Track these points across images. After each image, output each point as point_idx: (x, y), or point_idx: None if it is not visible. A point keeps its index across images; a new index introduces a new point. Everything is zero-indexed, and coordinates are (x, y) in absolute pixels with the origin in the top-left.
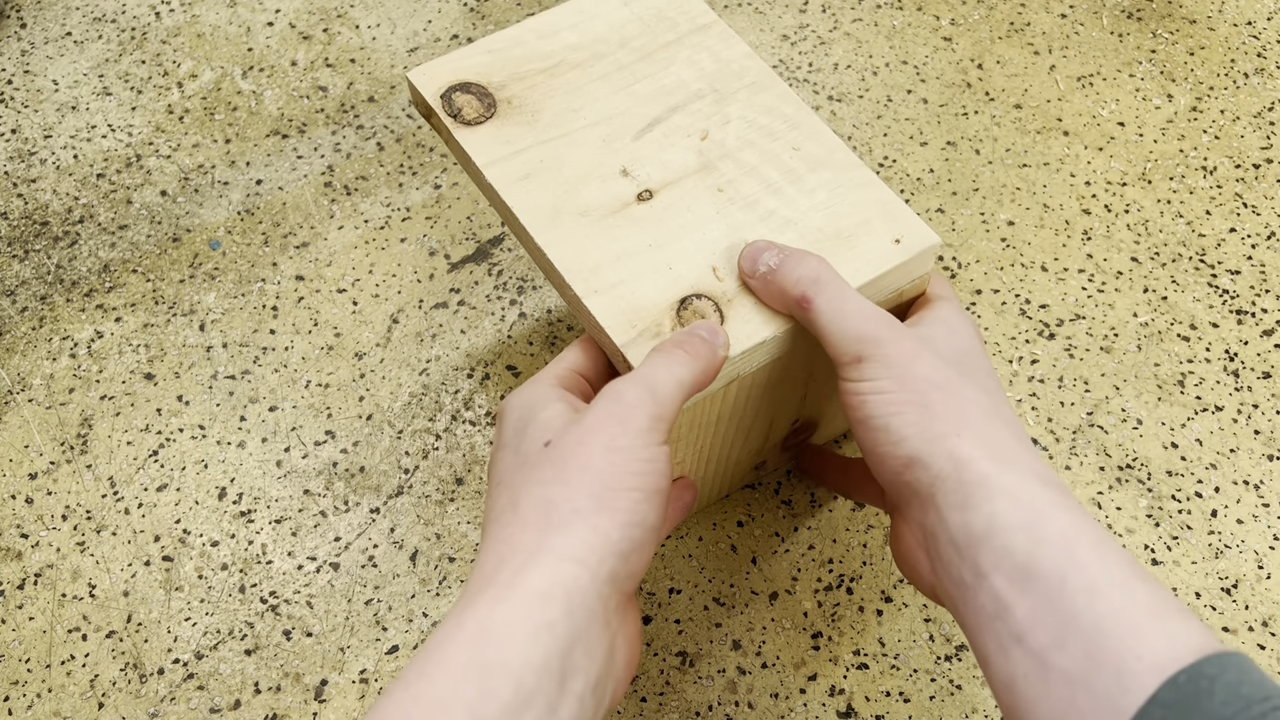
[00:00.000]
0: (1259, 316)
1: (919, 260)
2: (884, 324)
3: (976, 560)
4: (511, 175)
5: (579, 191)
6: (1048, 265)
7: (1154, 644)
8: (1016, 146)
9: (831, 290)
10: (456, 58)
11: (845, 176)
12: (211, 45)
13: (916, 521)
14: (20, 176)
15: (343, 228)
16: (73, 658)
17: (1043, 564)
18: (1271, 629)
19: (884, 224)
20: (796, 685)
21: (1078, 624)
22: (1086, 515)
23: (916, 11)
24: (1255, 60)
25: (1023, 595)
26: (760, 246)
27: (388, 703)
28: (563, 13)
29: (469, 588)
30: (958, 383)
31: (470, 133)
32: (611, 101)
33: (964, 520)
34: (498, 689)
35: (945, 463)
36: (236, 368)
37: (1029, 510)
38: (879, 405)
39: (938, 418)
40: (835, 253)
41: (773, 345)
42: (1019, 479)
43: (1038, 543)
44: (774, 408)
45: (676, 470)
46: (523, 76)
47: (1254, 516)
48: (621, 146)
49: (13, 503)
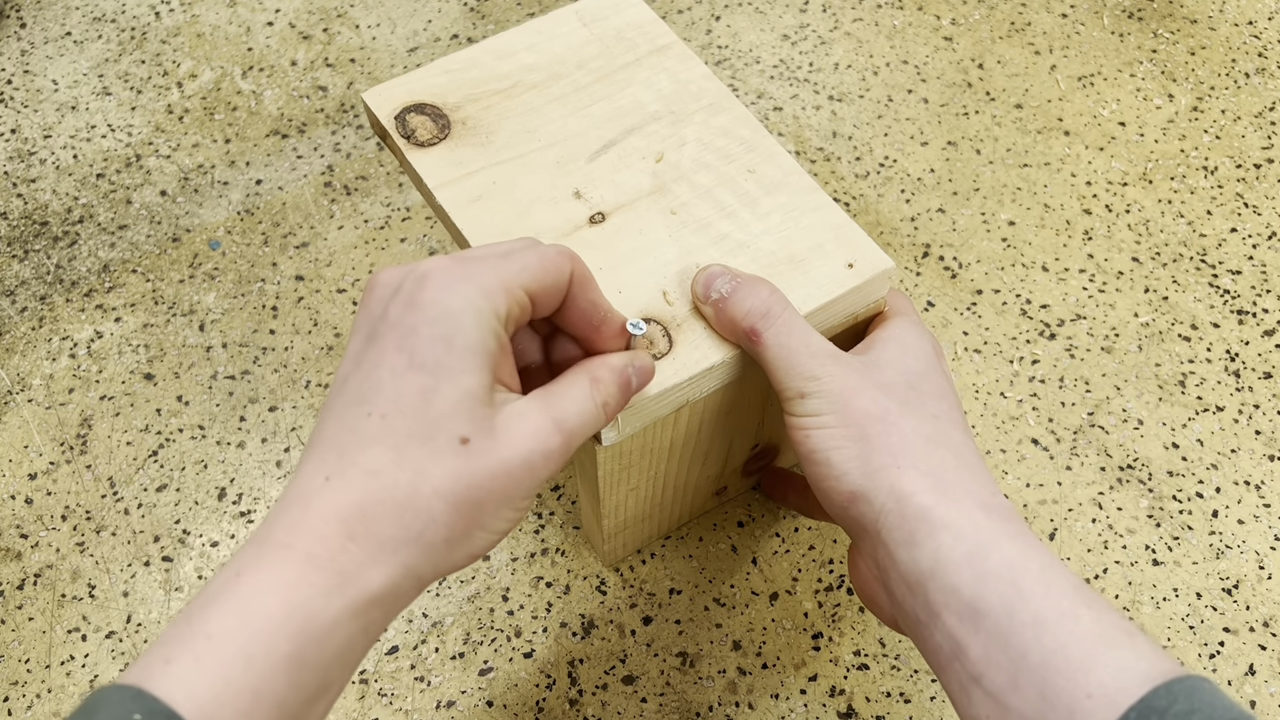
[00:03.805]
0: (1260, 317)
1: (873, 284)
2: (828, 359)
3: (927, 598)
4: (463, 197)
5: (531, 214)
6: (1049, 265)
7: (1102, 678)
8: (1017, 146)
9: (780, 324)
10: (413, 78)
11: (800, 200)
12: (211, 45)
13: (870, 556)
14: (20, 176)
15: (343, 228)
16: (72, 658)
17: (989, 600)
18: (1272, 629)
19: (838, 248)
20: (797, 686)
21: (1028, 662)
22: (1031, 540)
23: (917, 11)
24: (1256, 60)
25: (974, 634)
26: (714, 272)
27: (200, 668)
28: (521, 33)
29: (291, 502)
30: (897, 413)
31: (423, 154)
32: (567, 123)
33: (911, 558)
34: (307, 682)
35: (887, 497)
36: (236, 368)
37: (971, 543)
38: (821, 440)
39: (877, 450)
40: (788, 277)
41: (722, 371)
42: (960, 510)
43: (981, 578)
44: (730, 433)
45: (631, 495)
46: (478, 98)
47: (1255, 517)
48: (575, 168)
49: (12, 503)
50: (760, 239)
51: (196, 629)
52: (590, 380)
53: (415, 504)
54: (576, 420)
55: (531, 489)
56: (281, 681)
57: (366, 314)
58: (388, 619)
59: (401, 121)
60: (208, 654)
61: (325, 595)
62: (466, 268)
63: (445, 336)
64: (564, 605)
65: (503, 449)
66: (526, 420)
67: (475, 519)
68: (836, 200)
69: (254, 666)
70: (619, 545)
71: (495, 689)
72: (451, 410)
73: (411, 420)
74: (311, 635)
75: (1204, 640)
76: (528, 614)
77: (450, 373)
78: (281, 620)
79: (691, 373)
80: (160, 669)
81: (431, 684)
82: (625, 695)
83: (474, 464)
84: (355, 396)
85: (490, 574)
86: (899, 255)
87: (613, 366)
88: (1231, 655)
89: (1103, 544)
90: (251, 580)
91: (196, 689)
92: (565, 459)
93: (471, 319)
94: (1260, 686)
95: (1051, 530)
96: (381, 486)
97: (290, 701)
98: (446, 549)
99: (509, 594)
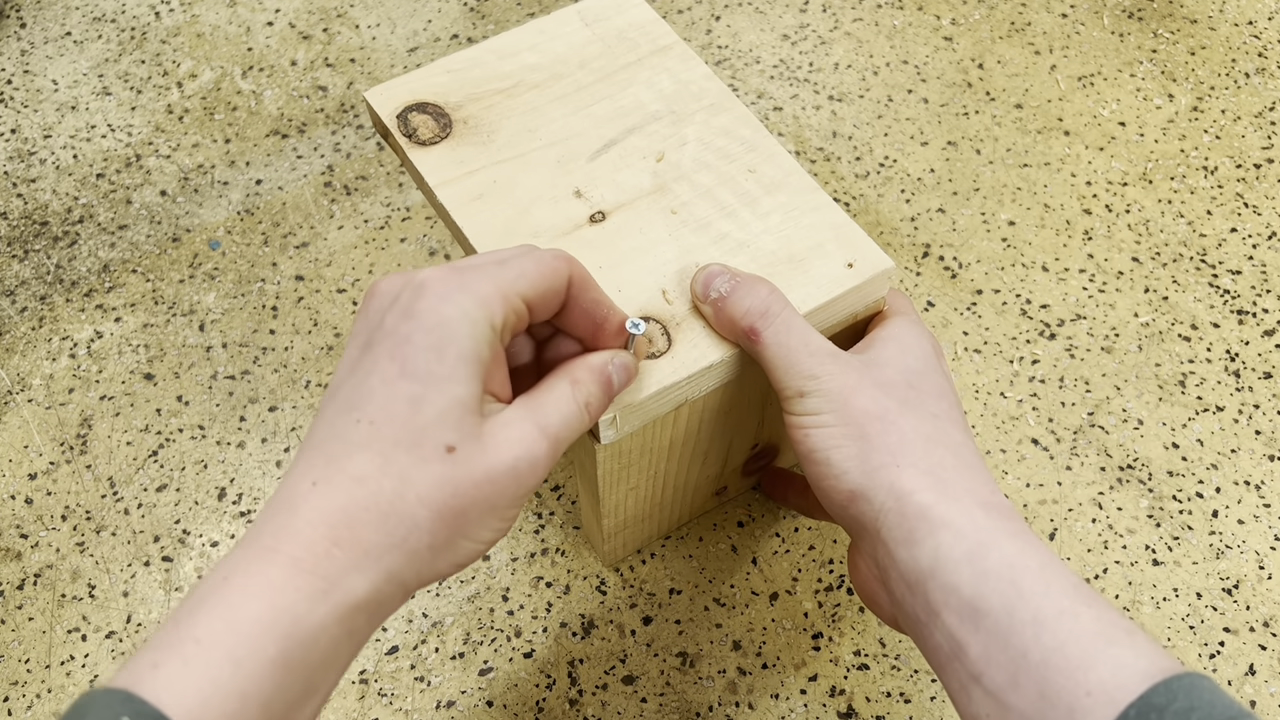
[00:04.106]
0: (1260, 317)
1: (872, 284)
2: (827, 358)
3: (927, 597)
4: (464, 196)
5: (531, 213)
6: (1049, 265)
7: (1102, 676)
8: (1017, 146)
9: (779, 324)
10: (415, 77)
11: (800, 200)
12: (211, 45)
13: (869, 555)
14: (20, 176)
15: (343, 228)
16: (72, 658)
17: (989, 599)
18: (1272, 629)
19: (838, 248)
20: (797, 686)
21: (1028, 661)
22: (1031, 539)
23: (917, 11)
24: (1256, 60)
25: (974, 633)
26: (713, 271)
27: (190, 667)
28: (524, 33)
29: (279, 506)
30: (896, 412)
31: (424, 153)
32: (568, 122)
33: (911, 556)
34: (294, 685)
35: (886, 496)
36: (236, 368)
37: (971, 542)
38: (820, 439)
39: (876, 449)
40: (788, 276)
41: (721, 370)
42: (960, 508)
43: (981, 576)
44: (730, 432)
45: (630, 495)
46: (480, 97)
47: (1255, 517)
48: (576, 168)
49: (12, 503)
50: (760, 238)
51: (185, 633)
52: (570, 382)
53: (399, 510)
54: (560, 424)
55: (518, 497)
56: (268, 684)
57: (364, 321)
58: (373, 625)
59: (403, 120)
60: (196, 658)
61: (310, 600)
62: (463, 277)
63: (438, 346)
64: (564, 605)
65: (489, 457)
66: (512, 428)
67: (459, 527)
68: (836, 200)
69: (241, 670)
70: (619, 545)
71: (495, 689)
72: (439, 419)
73: (399, 428)
74: (297, 639)
75: (1204, 640)
76: (528, 614)
77: (440, 382)
78: (268, 624)
79: (690, 371)
80: (149, 673)
81: (431, 684)
82: (625, 695)
83: (459, 472)
84: (346, 403)
85: (490, 574)
86: (899, 255)
87: (592, 366)
88: (1231, 655)
89: (1103, 544)
90: (239, 584)
91: (185, 692)
92: (552, 464)
93: (466, 329)
94: (1260, 686)
95: (1051, 530)
96: (366, 493)
97: (276, 704)
98: (430, 556)
99: (509, 594)
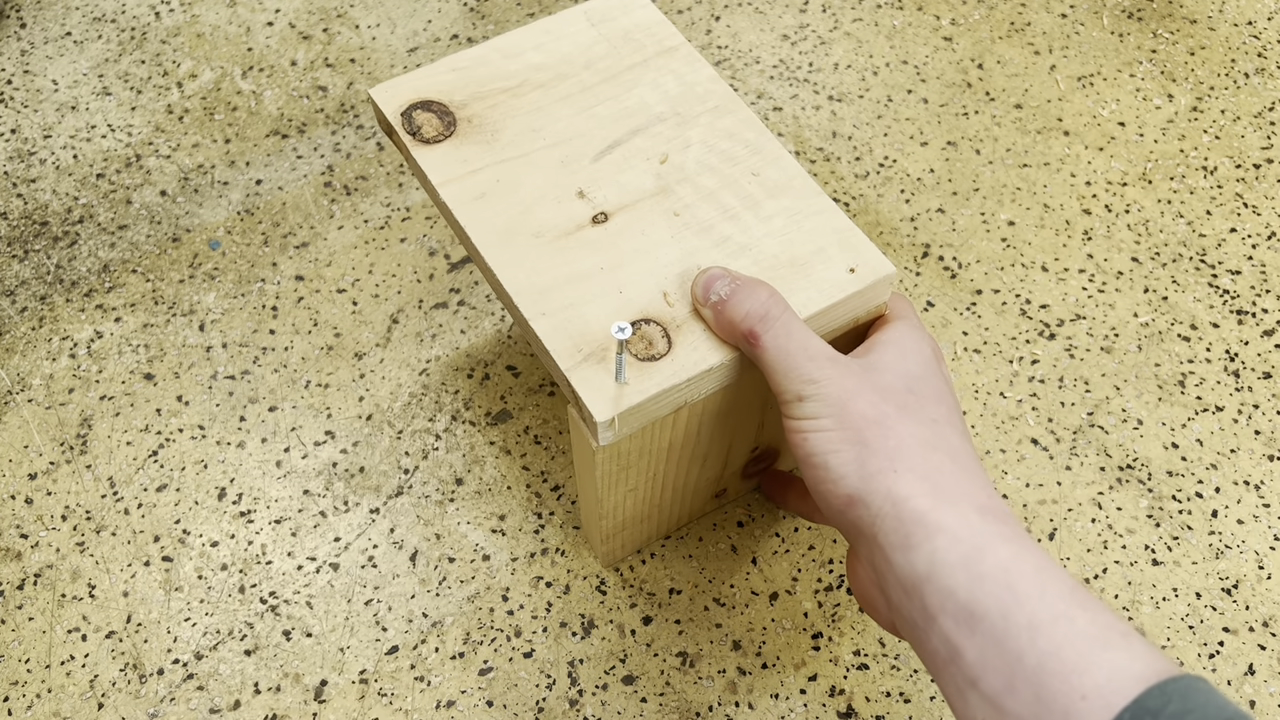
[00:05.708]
0: (1259, 317)
1: (874, 289)
2: (827, 362)
3: (924, 602)
4: (467, 194)
5: (534, 212)
6: (1048, 265)
7: (1097, 679)
8: (1017, 146)
9: (778, 327)
10: (420, 75)
11: (803, 204)
12: (211, 45)
13: (867, 560)
14: (20, 176)
15: (343, 228)
16: (72, 658)
17: (984, 603)
18: (1272, 629)
19: (840, 252)
20: (797, 686)
21: (1024, 665)
22: (1027, 542)
23: (917, 11)
24: (1256, 60)
25: (970, 637)
26: (714, 274)
27: None
28: (529, 33)
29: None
30: (895, 417)
31: (428, 151)
32: (573, 123)
33: (907, 561)
34: None
35: (883, 501)
36: (236, 368)
37: (967, 546)
38: (819, 443)
39: (874, 454)
40: (790, 280)
41: (720, 373)
42: (956, 513)
43: (977, 580)
44: (730, 435)
45: (630, 496)
46: (485, 96)
47: (1254, 517)
48: (580, 168)
49: (12, 503)
50: (762, 242)
51: None
52: None
53: None
54: None
55: None
56: None
57: None
58: None
59: (408, 118)
60: None
61: None
62: None
63: None
64: (564, 605)
65: None
66: None
67: None
68: (836, 200)
69: None
70: (618, 546)
71: (495, 689)
72: None
73: None
74: None
75: (1203, 640)
76: (528, 614)
77: None
78: None
79: (690, 374)
80: None
81: (431, 684)
82: (625, 695)
83: None
84: None
85: (490, 574)
86: (899, 255)
87: None
88: (1231, 655)
89: (1102, 544)
90: None
91: None
92: None
93: None
94: (1260, 686)
95: (1051, 530)
96: None
97: None
98: None
99: (509, 594)
